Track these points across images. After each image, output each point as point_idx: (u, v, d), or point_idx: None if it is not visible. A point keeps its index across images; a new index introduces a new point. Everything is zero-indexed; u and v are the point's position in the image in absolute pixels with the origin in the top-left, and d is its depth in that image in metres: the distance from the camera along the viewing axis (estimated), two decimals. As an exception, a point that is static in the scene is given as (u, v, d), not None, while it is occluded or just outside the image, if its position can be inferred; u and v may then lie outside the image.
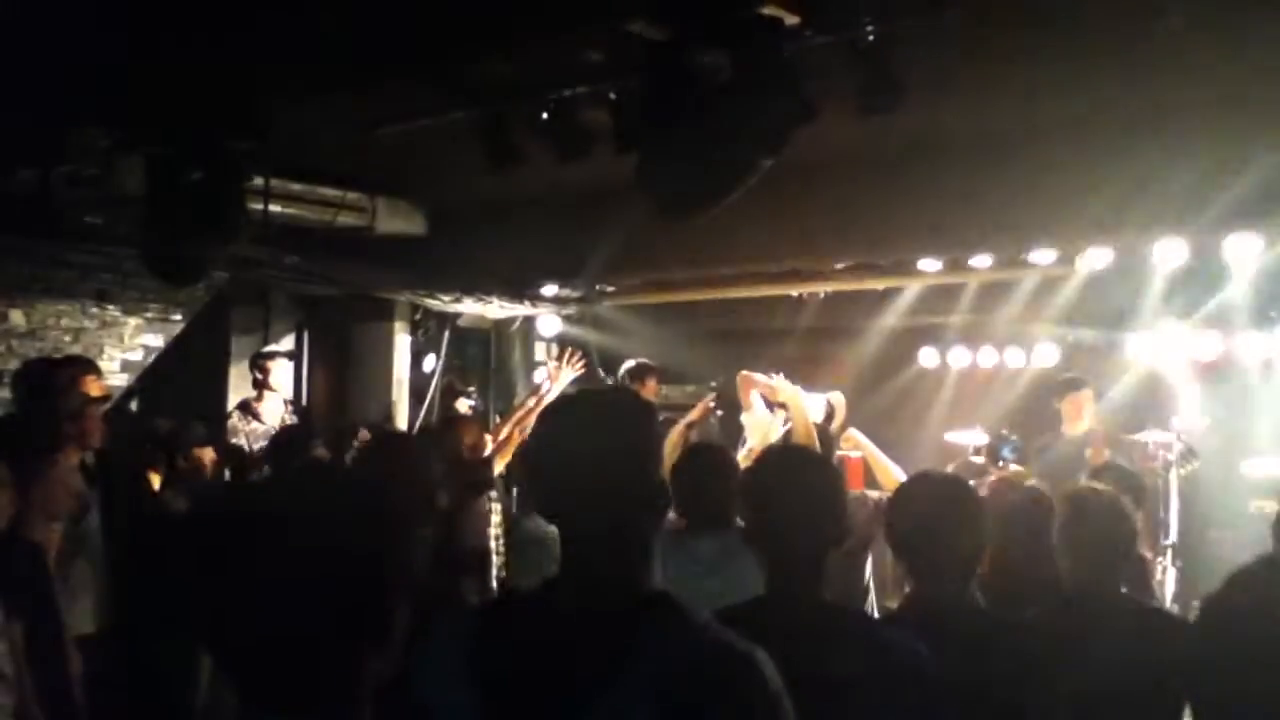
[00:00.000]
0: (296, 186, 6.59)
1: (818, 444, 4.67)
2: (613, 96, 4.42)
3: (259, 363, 7.17)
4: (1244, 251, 6.15)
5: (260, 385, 7.09)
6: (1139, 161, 5.44)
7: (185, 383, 7.84)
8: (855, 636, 2.21)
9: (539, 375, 8.21)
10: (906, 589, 2.73)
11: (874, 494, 4.68)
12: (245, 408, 7.07)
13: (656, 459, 1.84)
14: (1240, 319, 7.29)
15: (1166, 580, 6.19)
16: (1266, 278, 6.68)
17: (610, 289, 8.72)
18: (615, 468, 1.68)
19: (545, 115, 4.71)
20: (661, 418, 5.84)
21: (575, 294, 8.71)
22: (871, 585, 4.60)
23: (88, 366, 5.05)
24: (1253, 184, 5.14)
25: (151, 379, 7.79)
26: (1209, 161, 5.28)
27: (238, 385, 7.79)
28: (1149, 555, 5.22)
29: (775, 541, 2.31)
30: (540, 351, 9.59)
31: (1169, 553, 6.31)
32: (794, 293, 8.43)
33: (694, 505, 3.49)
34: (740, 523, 2.75)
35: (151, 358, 7.86)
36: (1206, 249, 6.22)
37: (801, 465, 2.46)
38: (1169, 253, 6.37)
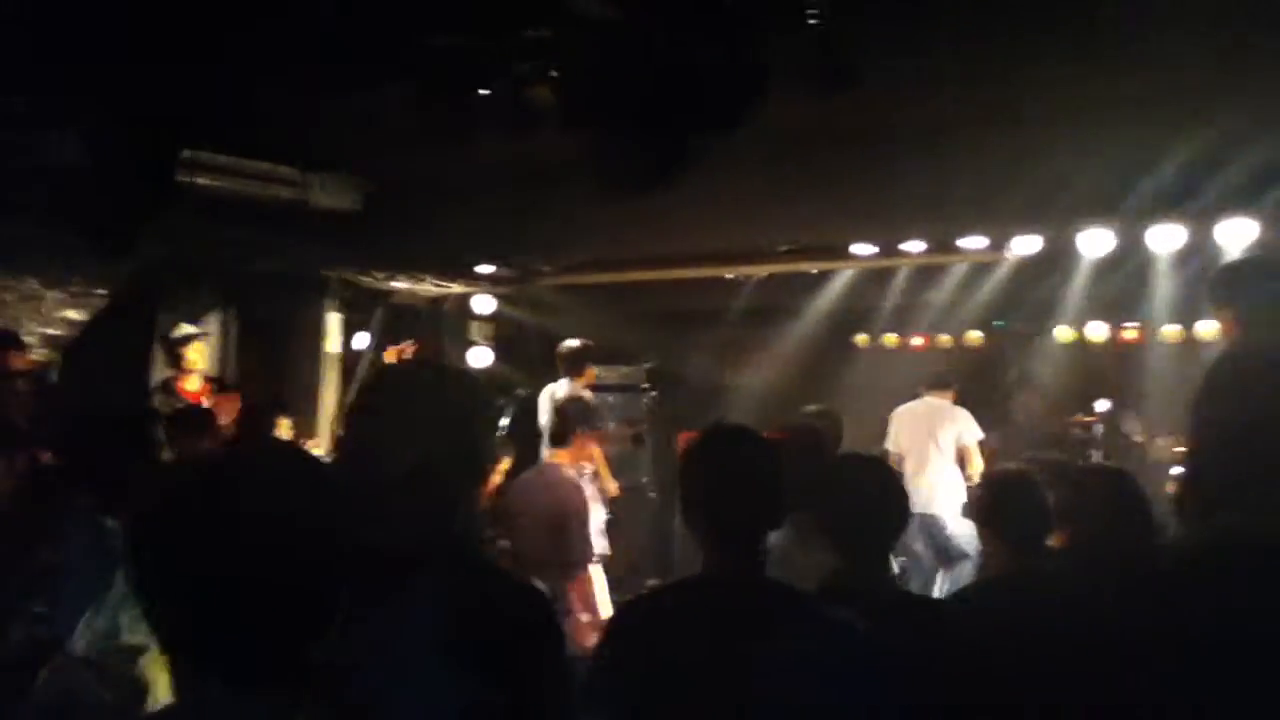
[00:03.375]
0: (226, 159, 6.44)
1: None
2: (555, 74, 4.38)
3: (172, 347, 7.00)
4: (1167, 241, 6.33)
5: (177, 367, 6.95)
6: (1065, 151, 5.55)
7: (107, 359, 7.64)
8: (794, 614, 2.22)
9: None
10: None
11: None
12: (167, 387, 6.92)
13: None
14: (1163, 307, 7.50)
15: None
16: (1188, 267, 6.88)
17: (546, 269, 8.69)
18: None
19: (486, 91, 4.65)
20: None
21: (511, 273, 8.65)
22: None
23: (8, 340, 4.91)
24: (1175, 176, 5.28)
25: (72, 354, 7.58)
26: (1133, 152, 5.41)
27: (161, 363, 7.61)
28: None
29: (711, 522, 2.31)
30: (475, 330, 9.53)
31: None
32: (730, 275, 8.48)
33: None
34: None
35: (74, 333, 7.64)
36: (1131, 239, 6.38)
37: (738, 445, 2.42)
38: (1095, 242, 6.53)
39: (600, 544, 5.23)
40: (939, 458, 6.84)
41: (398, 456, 1.89)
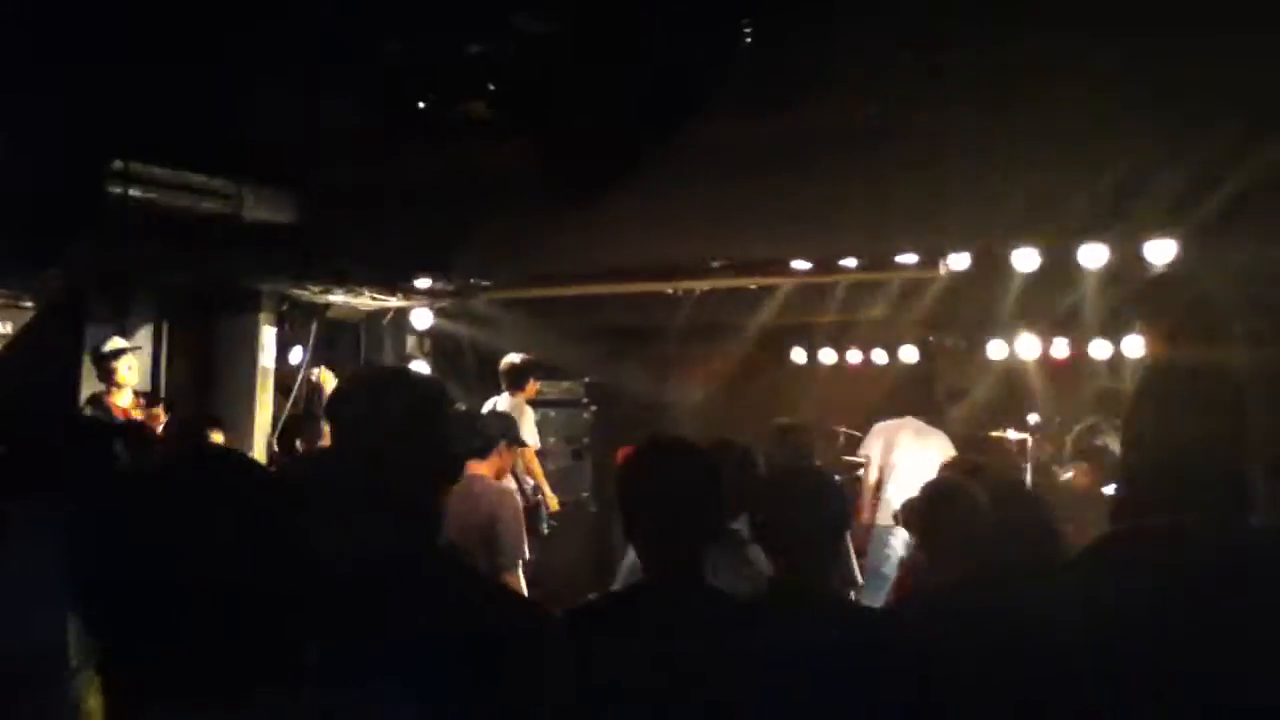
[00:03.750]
0: (159, 171, 6.33)
1: None
2: (491, 87, 4.38)
3: (102, 363, 6.84)
4: (1094, 259, 6.47)
5: (107, 382, 6.80)
6: (994, 171, 5.66)
7: (34, 373, 7.45)
8: (736, 623, 2.24)
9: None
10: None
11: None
12: (97, 402, 6.77)
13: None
14: (1091, 323, 7.67)
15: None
16: (1115, 284, 7.03)
17: (486, 283, 8.64)
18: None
19: (422, 104, 4.65)
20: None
21: (449, 287, 8.60)
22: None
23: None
24: (1102, 195, 5.41)
25: (-2, 367, 7.39)
26: (1060, 171, 5.53)
27: (90, 377, 7.45)
28: None
29: (650, 535, 2.32)
30: (411, 344, 9.45)
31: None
32: (670, 289, 8.51)
33: None
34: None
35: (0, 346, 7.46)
36: (1059, 256, 6.51)
37: (675, 458, 2.43)
38: (1024, 260, 6.66)
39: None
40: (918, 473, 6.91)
41: (363, 460, 1.91)
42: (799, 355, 9.68)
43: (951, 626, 2.80)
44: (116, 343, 6.97)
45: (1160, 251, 6.07)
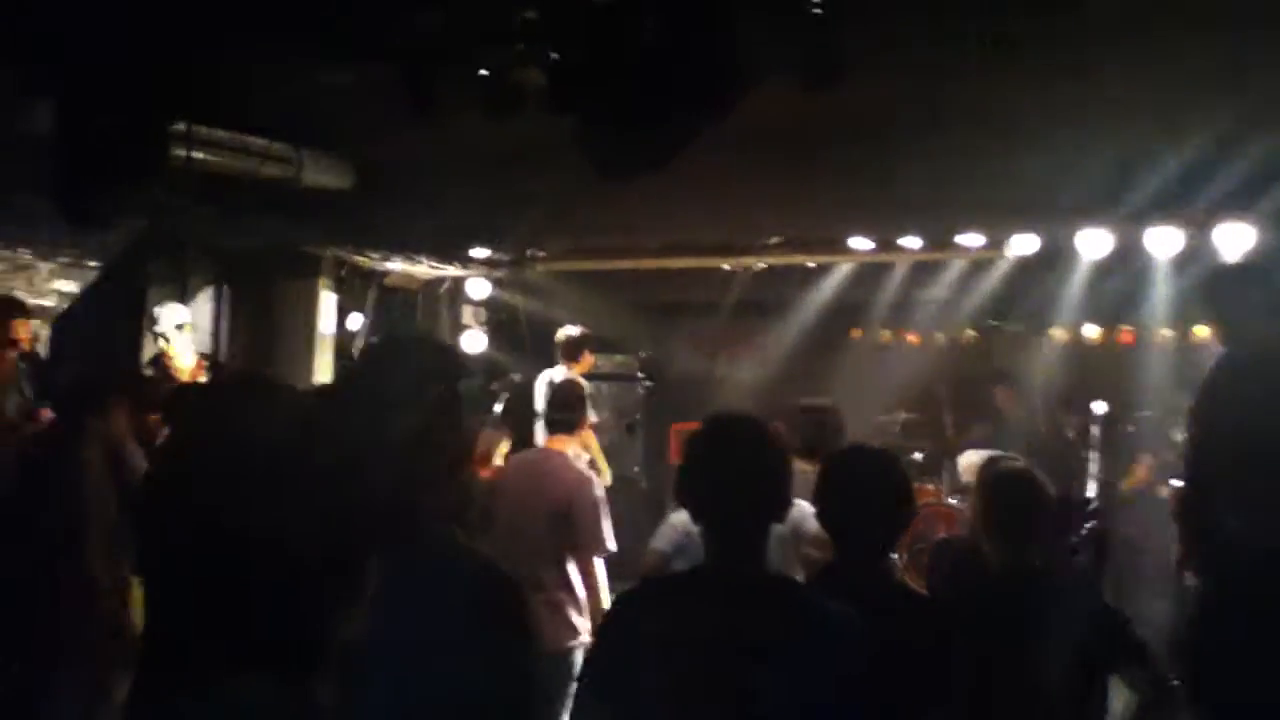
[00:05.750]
0: (221, 134, 6.39)
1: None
2: (552, 56, 4.33)
3: (155, 337, 6.80)
4: (1164, 244, 6.30)
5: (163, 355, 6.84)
6: (1063, 150, 5.51)
7: (97, 332, 7.59)
8: (795, 608, 2.19)
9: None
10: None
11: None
12: (159, 363, 6.86)
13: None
14: (1158, 311, 7.47)
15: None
16: (1184, 270, 6.85)
17: (541, 254, 8.64)
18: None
19: (479, 72, 4.61)
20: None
21: (506, 257, 8.61)
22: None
23: (13, 307, 4.92)
24: (1173, 177, 5.25)
25: (62, 326, 7.54)
26: (1129, 153, 5.37)
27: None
28: None
29: (716, 515, 2.26)
30: (468, 314, 9.49)
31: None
32: (726, 266, 8.44)
33: None
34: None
35: (65, 304, 7.61)
36: (1128, 241, 6.35)
37: (744, 437, 2.33)
38: (1091, 243, 6.50)
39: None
40: None
41: (371, 429, 1.87)
42: (855, 335, 9.55)
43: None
44: (170, 313, 6.87)
45: (1233, 237, 5.89)
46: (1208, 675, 1.73)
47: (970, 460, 6.76)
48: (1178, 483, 4.73)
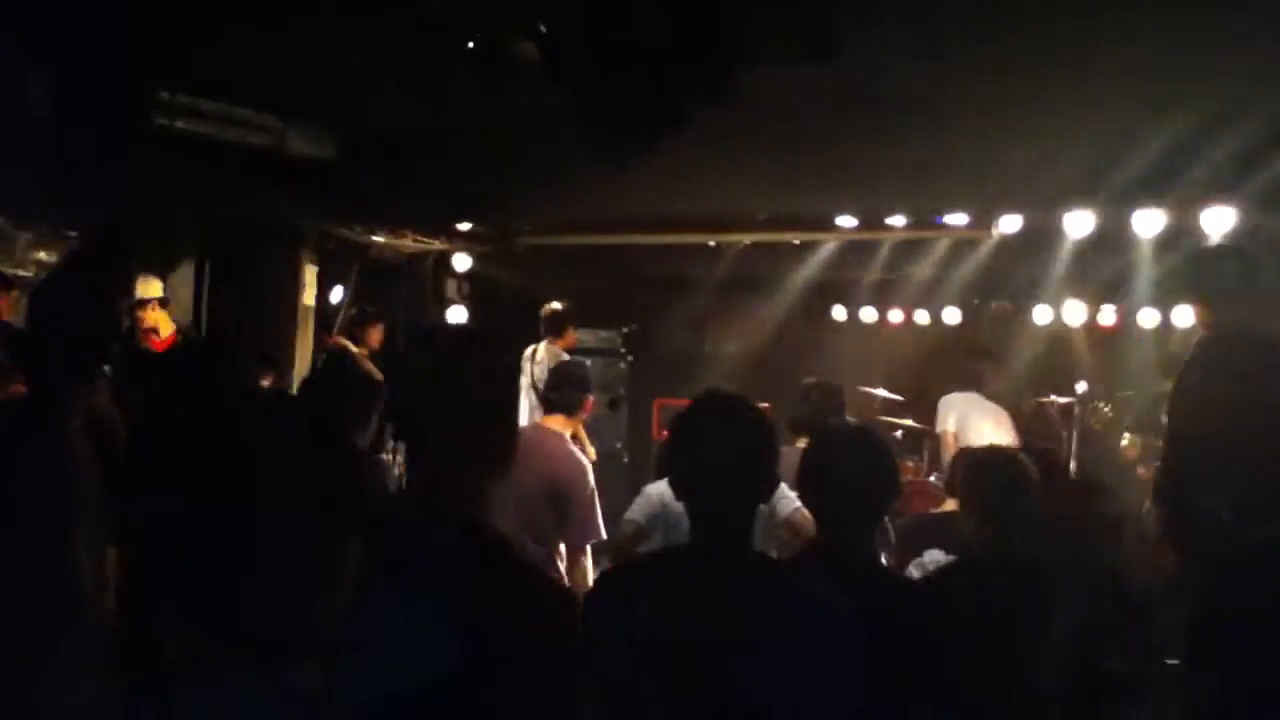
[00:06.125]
0: (205, 103, 6.31)
1: None
2: (543, 29, 4.29)
3: (130, 310, 6.77)
4: (1148, 225, 6.32)
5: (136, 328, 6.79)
6: (1050, 131, 5.52)
7: (76, 302, 7.50)
8: (779, 589, 2.18)
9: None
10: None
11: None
12: (136, 333, 6.80)
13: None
14: (1141, 291, 7.52)
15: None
16: (1167, 251, 6.88)
17: (527, 228, 8.60)
18: None
19: (471, 44, 4.56)
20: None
21: (491, 231, 8.57)
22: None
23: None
24: (1158, 159, 5.26)
25: (40, 295, 7.45)
26: (1116, 133, 5.38)
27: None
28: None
29: (703, 495, 2.23)
30: (451, 288, 9.45)
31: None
32: (711, 242, 8.42)
33: None
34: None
35: (43, 274, 7.52)
36: (1113, 222, 6.37)
37: (733, 416, 2.30)
38: (1077, 223, 6.52)
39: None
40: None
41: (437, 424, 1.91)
42: (839, 312, 9.58)
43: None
44: (144, 288, 6.86)
45: (1218, 219, 5.92)
46: (1202, 656, 1.74)
47: (951, 398, 6.84)
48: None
